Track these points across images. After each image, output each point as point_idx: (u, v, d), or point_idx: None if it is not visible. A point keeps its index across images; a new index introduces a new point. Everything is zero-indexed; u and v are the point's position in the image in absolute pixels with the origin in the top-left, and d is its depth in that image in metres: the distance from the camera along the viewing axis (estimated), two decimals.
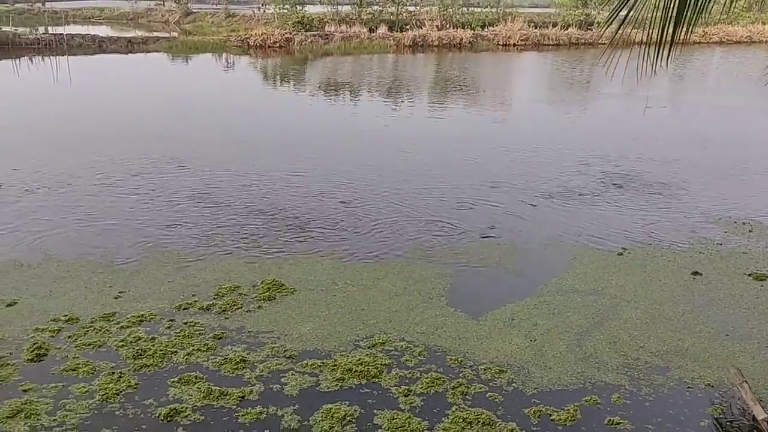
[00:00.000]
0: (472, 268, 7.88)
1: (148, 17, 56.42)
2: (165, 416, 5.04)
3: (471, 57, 34.82)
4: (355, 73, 27.88)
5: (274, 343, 6.10)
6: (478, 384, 5.54)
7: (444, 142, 14.54)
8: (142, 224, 8.98)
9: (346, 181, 11.17)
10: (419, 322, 6.53)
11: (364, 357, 5.87)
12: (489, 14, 43.31)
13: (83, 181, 10.78)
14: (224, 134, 14.84)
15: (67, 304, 6.72)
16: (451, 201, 10.28)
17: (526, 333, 6.37)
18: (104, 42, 34.23)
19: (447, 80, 25.52)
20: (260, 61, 31.77)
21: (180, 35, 39.46)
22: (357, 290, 7.18)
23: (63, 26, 37.54)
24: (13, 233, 8.53)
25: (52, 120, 16.11)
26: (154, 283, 7.22)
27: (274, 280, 7.29)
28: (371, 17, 40.60)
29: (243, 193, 10.40)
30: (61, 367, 5.64)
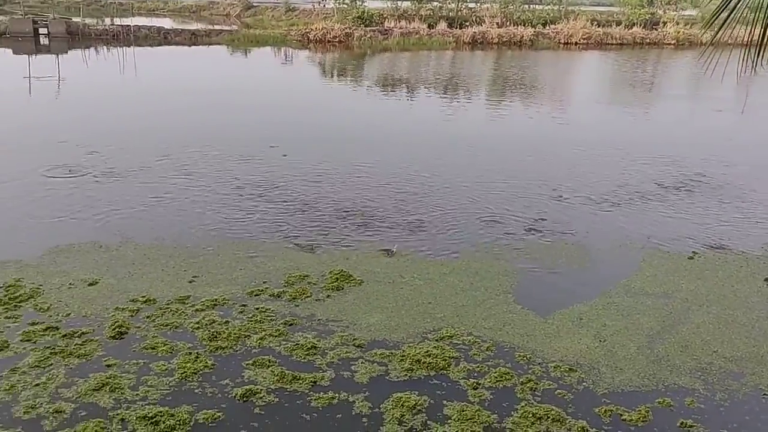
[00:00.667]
0: (538, 267, 7.85)
1: (210, 10, 57.72)
2: (241, 396, 5.20)
3: (531, 55, 34.40)
4: (413, 70, 27.91)
5: (344, 332, 6.21)
6: (548, 381, 5.54)
7: (505, 140, 14.45)
8: (213, 212, 9.24)
9: (408, 176, 11.24)
10: (486, 318, 6.55)
11: (431, 349, 5.92)
12: (551, 12, 42.70)
13: (156, 169, 11.16)
14: (288, 129, 15.10)
15: (144, 285, 6.98)
16: (515, 199, 10.24)
17: (595, 333, 6.32)
18: (169, 34, 35.23)
19: (506, 78, 25.30)
20: (319, 56, 32.11)
21: (241, 28, 40.20)
22: (423, 284, 7.24)
23: (130, 18, 38.70)
24: (94, 216, 8.90)
25: (120, 110, 16.71)
26: (227, 269, 7.44)
27: (341, 270, 7.42)
28: (431, 13, 40.55)
29: (309, 185, 10.58)
30: (141, 345, 5.86)
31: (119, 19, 37.26)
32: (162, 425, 4.77)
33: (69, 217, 8.83)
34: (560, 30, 39.38)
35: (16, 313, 6.27)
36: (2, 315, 6.22)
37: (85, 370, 5.43)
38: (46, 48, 30.47)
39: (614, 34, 39.83)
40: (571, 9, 44.24)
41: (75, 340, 5.84)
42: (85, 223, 8.68)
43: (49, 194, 9.69)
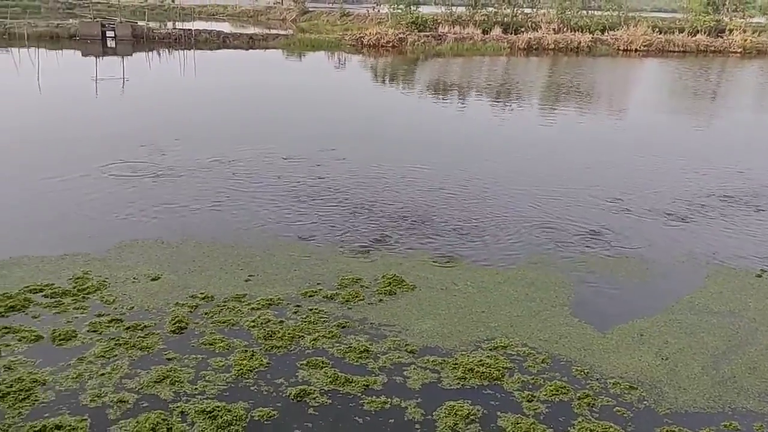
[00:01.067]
0: (597, 279, 7.69)
1: (267, 15, 58.78)
2: (295, 396, 5.25)
3: (588, 62, 33.79)
4: (466, 75, 27.78)
5: (396, 337, 6.21)
6: (606, 397, 5.41)
7: (561, 147, 14.22)
8: (268, 212, 9.39)
9: (463, 180, 11.18)
10: (542, 330, 6.45)
11: (485, 358, 5.86)
12: (610, 18, 41.82)
13: (214, 168, 11.41)
14: (342, 131, 15.23)
15: (203, 282, 7.14)
16: (573, 207, 10.08)
17: (656, 351, 6.14)
18: (228, 38, 36.04)
19: (562, 84, 24.91)
20: (372, 60, 32.30)
21: (296, 33, 40.82)
22: (477, 292, 7.18)
23: (191, 22, 39.78)
24: (156, 213, 9.16)
25: (179, 111, 17.17)
26: (282, 270, 7.54)
27: (394, 275, 7.43)
28: (485, 19, 40.29)
29: (364, 188, 10.65)
30: (199, 340, 5.99)
31: (181, 23, 38.38)
32: (219, 420, 4.87)
33: (132, 213, 9.11)
34: (619, 36, 38.59)
35: (84, 304, 6.51)
36: (71, 306, 6.46)
37: (146, 362, 5.58)
38: (112, 50, 31.58)
39: (676, 41, 38.77)
40: (631, 15, 43.24)
41: (138, 333, 6.02)
42: (147, 220, 8.93)
43: (112, 191, 10.01)
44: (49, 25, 34.50)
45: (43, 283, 6.86)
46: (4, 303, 6.39)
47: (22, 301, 6.47)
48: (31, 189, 9.94)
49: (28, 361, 5.49)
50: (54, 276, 7.05)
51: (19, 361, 5.48)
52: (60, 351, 5.68)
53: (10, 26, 33.08)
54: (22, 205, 9.29)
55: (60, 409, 4.92)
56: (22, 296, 6.55)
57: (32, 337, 5.85)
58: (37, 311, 6.33)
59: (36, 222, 8.65)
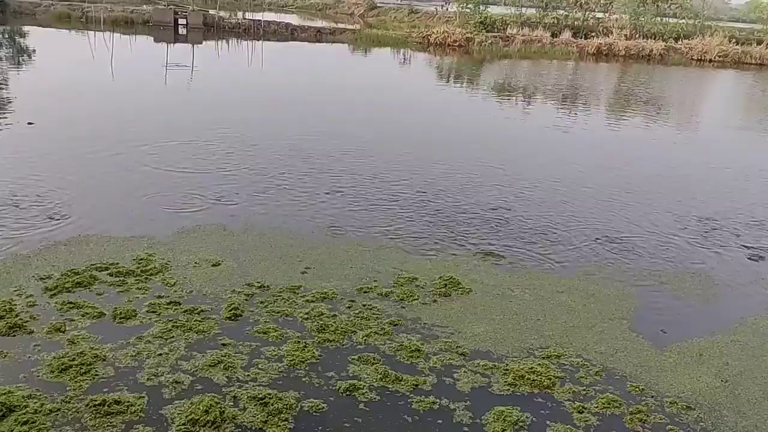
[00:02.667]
0: (658, 294, 7.48)
1: (335, 9, 59.27)
2: (345, 390, 5.28)
3: (660, 70, 32.77)
4: (532, 79, 27.35)
5: (448, 338, 6.17)
6: (659, 415, 5.25)
7: (629, 157, 13.85)
8: (329, 205, 9.48)
9: (527, 189, 11.01)
10: (598, 342, 6.30)
11: (536, 366, 5.77)
12: (685, 26, 40.43)
13: (274, 158, 11.60)
14: (399, 131, 15.25)
15: (261, 271, 7.26)
16: (641, 220, 9.83)
17: (716, 372, 5.92)
18: (296, 30, 36.55)
19: (633, 93, 24.24)
20: (437, 59, 32.17)
21: (363, 28, 41.03)
22: (534, 300, 7.08)
23: (261, 13, 40.49)
24: (219, 200, 9.37)
25: (243, 100, 17.52)
26: (338, 264, 7.59)
27: (451, 277, 7.39)
28: (555, 22, 39.54)
29: (425, 189, 10.56)
30: (254, 328, 6.08)
31: (251, 13, 39.11)
32: (270, 407, 4.95)
33: (196, 199, 9.34)
34: (694, 45, 37.25)
35: (146, 285, 6.73)
36: (134, 286, 6.68)
37: (202, 346, 5.72)
38: (183, 38, 32.48)
39: (754, 53, 37.14)
40: (707, 24, 41.68)
41: (195, 317, 6.17)
42: (210, 206, 9.13)
43: (176, 177, 10.30)
44: (125, 10, 35.72)
45: (108, 261, 7.13)
46: (72, 279, 6.67)
47: (88, 278, 6.74)
48: (98, 171, 10.33)
49: (90, 337, 5.70)
50: (119, 256, 7.30)
51: (82, 336, 5.70)
52: (120, 329, 5.88)
53: (87, 10, 34.42)
54: (94, 185, 9.66)
55: (118, 385, 5.09)
56: (88, 273, 6.82)
57: (95, 313, 6.08)
58: (101, 288, 6.58)
59: (106, 203, 8.99)
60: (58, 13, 34.40)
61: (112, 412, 4.78)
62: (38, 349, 5.46)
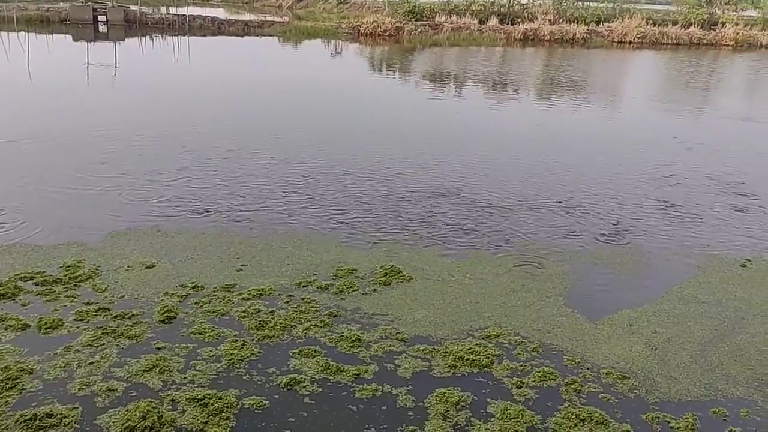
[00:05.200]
0: (592, 271, 7.72)
1: (262, 1, 58.32)
2: (286, 384, 5.24)
3: (584, 53, 33.74)
4: (462, 65, 27.70)
5: (388, 326, 6.20)
6: (595, 385, 5.44)
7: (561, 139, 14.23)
8: (273, 201, 9.35)
9: (467, 175, 11.12)
10: (535, 320, 6.47)
11: (474, 347, 5.86)
12: (605, 10, 41.74)
13: (210, 156, 11.35)
14: (343, 123, 15.18)
15: (195, 272, 7.08)
16: (569, 201, 10.11)
17: (646, 340, 6.17)
18: (223, 24, 35.80)
19: (558, 77, 24.90)
20: (369, 49, 32.14)
21: (292, 20, 40.54)
22: (474, 283, 7.18)
23: (185, 7, 39.44)
24: (152, 202, 9.10)
25: (171, 99, 17.05)
26: (276, 260, 7.48)
27: (392, 266, 7.41)
28: (482, 9, 40.09)
29: (370, 182, 10.50)
30: (189, 330, 5.94)
31: (175, 8, 38.03)
32: (210, 407, 4.86)
33: (127, 202, 9.05)
34: (614, 28, 38.52)
35: (75, 292, 6.47)
36: (62, 294, 6.42)
37: (135, 351, 5.55)
38: (104, 35, 31.30)
39: (670, 33, 38.73)
40: (626, 7, 43.15)
41: (126, 322, 5.97)
42: (142, 208, 8.85)
43: (103, 179, 9.94)
44: (39, 8, 34.13)
45: (34, 270, 6.82)
46: None
47: (12, 288, 6.43)
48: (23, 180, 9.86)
49: (15, 350, 5.45)
50: (45, 263, 7.00)
51: (6, 350, 5.45)
52: (47, 340, 5.64)
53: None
54: (9, 195, 9.22)
55: (48, 398, 4.89)
56: (12, 284, 6.51)
57: (19, 325, 5.81)
58: (26, 299, 6.29)
59: (27, 208, 8.59)
60: None
61: (45, 425, 4.60)
62: None
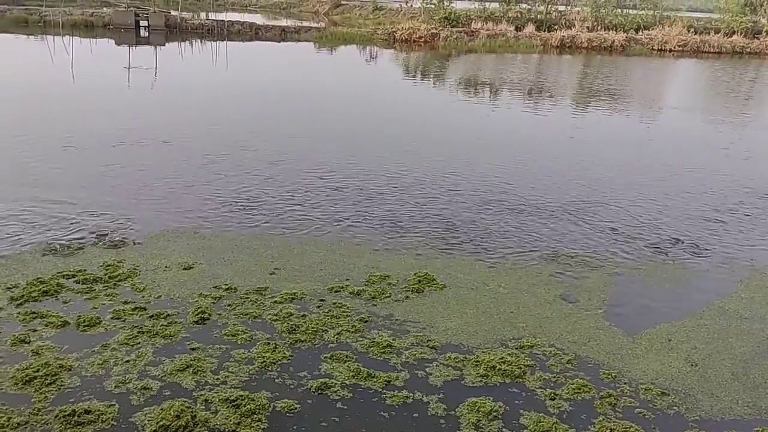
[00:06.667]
0: (630, 283, 7.56)
1: (299, 7, 58.93)
2: (317, 389, 5.24)
3: (622, 61, 33.28)
4: (499, 72, 27.54)
5: (419, 333, 6.16)
6: (633, 401, 5.32)
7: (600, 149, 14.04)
8: (308, 206, 9.39)
9: (502, 186, 10.97)
10: (571, 331, 6.36)
11: (507, 356, 5.79)
12: (645, 17, 41.12)
13: (243, 159, 11.48)
14: (378, 130, 15.22)
15: (230, 274, 7.15)
16: (614, 211, 9.94)
17: (686, 356, 6.02)
18: (260, 29, 36.20)
19: (593, 85, 24.57)
20: (403, 55, 32.19)
21: (328, 26, 40.83)
22: (508, 293, 7.10)
23: (224, 13, 40.06)
24: (192, 203, 9.23)
25: (208, 102, 17.31)
26: (309, 265, 7.50)
27: (426, 274, 7.36)
28: (518, 15, 39.88)
29: (403, 191, 10.40)
30: (222, 331, 5.99)
31: (214, 13, 38.68)
32: (243, 408, 4.89)
33: (168, 203, 9.20)
34: (654, 36, 37.91)
35: (114, 291, 6.60)
36: (102, 293, 6.55)
37: (170, 350, 5.62)
38: (145, 40, 31.94)
39: (712, 42, 37.96)
40: (666, 15, 42.44)
41: (161, 321, 6.06)
42: (183, 209, 8.97)
43: (141, 183, 10.13)
44: (84, 13, 35.02)
45: (75, 269, 6.98)
46: (38, 288, 6.52)
47: (54, 286, 6.59)
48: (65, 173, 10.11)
49: (55, 347, 5.57)
50: (86, 263, 7.15)
51: (46, 346, 5.57)
52: (85, 337, 5.75)
53: (45, 14, 33.67)
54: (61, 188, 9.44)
55: (85, 394, 4.98)
56: (54, 281, 6.67)
57: (59, 322, 5.94)
58: (68, 296, 6.44)
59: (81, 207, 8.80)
60: (14, 18, 33.58)
61: (83, 422, 4.67)
62: (1, 362, 5.32)
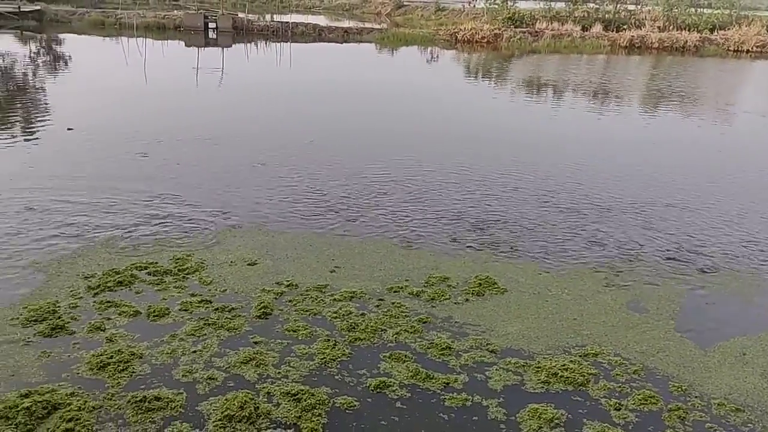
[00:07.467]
0: (703, 294, 7.28)
1: (362, 8, 59.32)
2: (375, 387, 5.26)
3: (696, 62, 32.07)
4: (562, 72, 27.00)
5: (479, 336, 6.10)
6: (705, 415, 5.13)
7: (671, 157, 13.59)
8: (373, 205, 9.45)
9: (566, 188, 10.82)
10: (639, 341, 6.18)
11: (569, 363, 5.67)
12: (720, 16, 39.48)
13: (302, 158, 11.65)
14: (439, 130, 15.19)
15: (292, 270, 7.27)
16: (687, 217, 9.65)
17: (761, 371, 5.76)
18: (323, 31, 36.67)
19: (664, 87, 23.78)
20: (465, 56, 31.97)
21: (390, 27, 40.95)
22: (572, 300, 6.95)
23: (289, 15, 40.75)
24: (260, 202, 9.42)
25: (270, 101, 17.63)
26: (369, 264, 7.54)
27: (487, 277, 7.30)
28: (585, 15, 38.98)
29: (465, 192, 10.36)
30: (284, 327, 6.09)
31: (279, 15, 39.40)
32: (304, 403, 4.97)
33: (236, 199, 9.42)
34: (730, 36, 36.37)
35: (183, 284, 6.83)
36: (171, 285, 6.79)
37: (234, 343, 5.76)
38: (213, 41, 32.84)
39: None
40: (744, 14, 40.64)
41: (225, 315, 6.21)
42: (249, 206, 9.17)
43: (212, 177, 10.41)
44: (156, 15, 36.31)
45: (148, 261, 7.25)
46: (113, 278, 6.81)
47: (128, 277, 6.87)
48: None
49: (127, 335, 5.81)
50: (158, 256, 7.42)
51: (119, 334, 5.81)
52: (155, 327, 5.97)
53: (120, 16, 35.08)
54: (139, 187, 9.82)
55: (155, 382, 5.17)
56: (128, 272, 6.96)
57: (131, 311, 6.19)
58: (140, 287, 6.70)
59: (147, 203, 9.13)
60: (92, 20, 35.11)
61: (153, 408, 4.85)
62: (78, 348, 5.58)
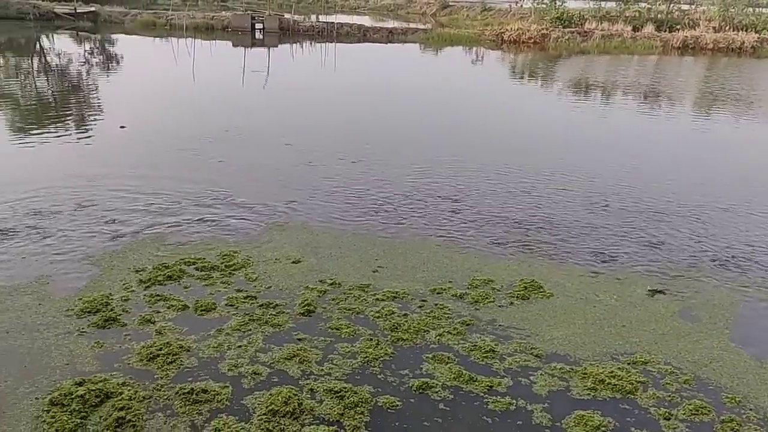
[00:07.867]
0: (760, 305, 7.02)
1: (407, 9, 59.32)
2: (418, 388, 5.24)
3: (752, 63, 31.07)
4: (612, 74, 26.48)
5: (523, 340, 6.02)
6: (761, 429, 4.94)
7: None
8: (408, 207, 9.45)
9: (615, 190, 10.61)
10: (691, 351, 6.00)
11: (616, 371, 5.55)
12: None
13: (346, 162, 11.72)
14: (488, 130, 15.08)
15: (335, 269, 7.30)
16: (743, 222, 9.37)
17: None
18: (368, 31, 36.80)
19: (721, 89, 23.09)
20: (511, 56, 31.64)
21: (435, 27, 40.83)
22: (621, 306, 6.80)
23: (334, 15, 41.01)
24: (305, 201, 9.50)
25: (314, 104, 17.77)
26: (412, 265, 7.52)
27: (532, 280, 7.20)
28: (637, 15, 38.11)
29: (511, 193, 10.28)
30: (327, 324, 6.13)
31: (324, 16, 39.71)
32: (347, 400, 4.99)
33: (284, 197, 9.53)
34: None
35: (229, 279, 6.94)
36: (218, 280, 6.91)
37: (278, 339, 5.82)
38: (260, 42, 33.31)
39: None
40: None
41: (270, 311, 6.29)
42: (295, 205, 9.25)
43: (260, 177, 10.55)
44: (205, 16, 37.04)
45: (196, 257, 7.40)
46: (163, 272, 6.97)
47: (177, 272, 7.02)
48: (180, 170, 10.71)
49: (176, 328, 5.93)
50: (206, 252, 7.55)
51: (168, 327, 5.94)
52: (202, 321, 6.08)
53: (171, 17, 35.91)
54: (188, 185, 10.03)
55: (202, 375, 5.26)
56: (177, 267, 7.11)
57: (180, 305, 6.31)
58: (188, 282, 6.83)
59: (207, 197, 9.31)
60: (144, 21, 36.02)
61: (200, 400, 4.94)
62: (129, 339, 5.73)
